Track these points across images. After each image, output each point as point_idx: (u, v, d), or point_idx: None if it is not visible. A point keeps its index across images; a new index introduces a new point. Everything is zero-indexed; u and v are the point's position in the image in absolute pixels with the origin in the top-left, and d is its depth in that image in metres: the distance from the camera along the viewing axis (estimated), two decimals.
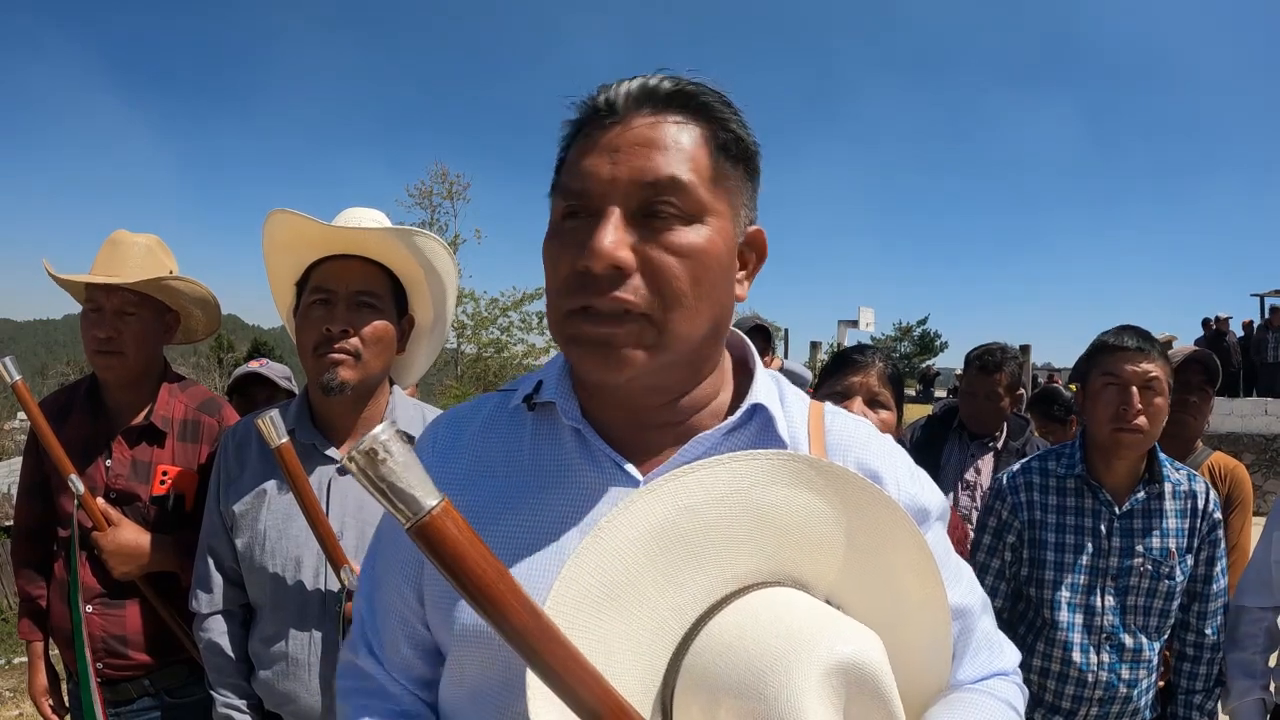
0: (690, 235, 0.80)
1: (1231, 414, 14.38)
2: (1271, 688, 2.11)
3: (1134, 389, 1.98)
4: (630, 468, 0.86)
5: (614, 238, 0.77)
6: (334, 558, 1.57)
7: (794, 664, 0.67)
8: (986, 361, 3.26)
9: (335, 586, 1.63)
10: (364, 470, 0.54)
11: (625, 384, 0.82)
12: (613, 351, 0.79)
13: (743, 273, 0.89)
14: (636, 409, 0.88)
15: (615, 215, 0.78)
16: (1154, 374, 1.99)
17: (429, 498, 0.56)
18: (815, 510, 0.79)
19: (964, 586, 0.95)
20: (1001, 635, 1.01)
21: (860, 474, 0.83)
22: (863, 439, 0.94)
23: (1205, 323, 17.03)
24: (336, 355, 1.64)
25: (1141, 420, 1.98)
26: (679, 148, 0.80)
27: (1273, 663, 2.14)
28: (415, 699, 0.95)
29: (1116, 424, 1.99)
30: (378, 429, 0.55)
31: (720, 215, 0.82)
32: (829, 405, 0.98)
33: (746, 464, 0.78)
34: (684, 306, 0.79)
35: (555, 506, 0.86)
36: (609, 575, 0.73)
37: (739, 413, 0.88)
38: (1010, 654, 0.99)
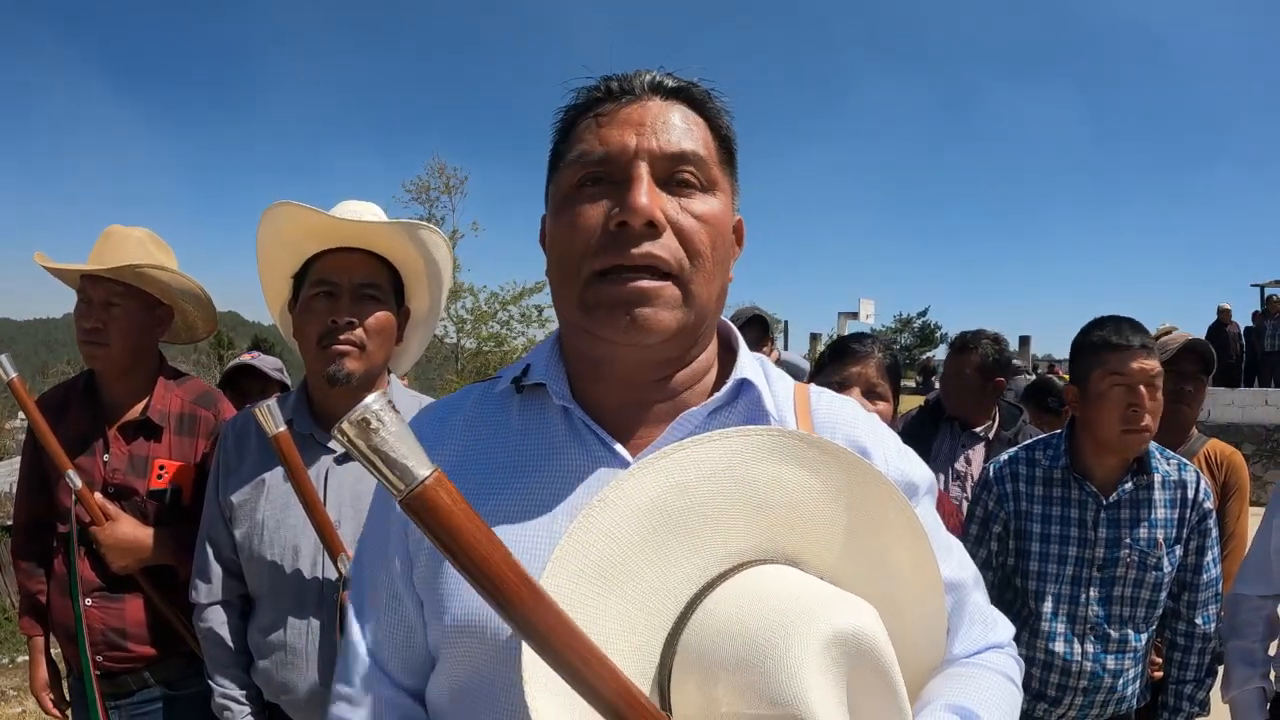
0: (709, 203, 0.85)
1: (1232, 404, 14.36)
2: (1271, 676, 2.11)
3: (1142, 389, 1.97)
4: (617, 446, 0.87)
5: (649, 196, 0.81)
6: (331, 546, 1.59)
7: (792, 636, 0.66)
8: (955, 342, 3.34)
9: (333, 575, 1.64)
10: (355, 440, 0.53)
11: (644, 350, 0.84)
12: (642, 308, 0.81)
13: None
14: (630, 385, 0.88)
15: (647, 176, 0.82)
16: (1156, 370, 1.99)
17: (422, 467, 0.55)
18: (807, 486, 0.79)
19: (955, 561, 0.97)
20: (994, 609, 1.02)
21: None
22: (850, 417, 0.95)
23: (1220, 310, 16.88)
24: (342, 346, 1.66)
25: (1148, 420, 1.98)
26: (692, 129, 0.86)
27: (1272, 651, 2.14)
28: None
29: (1126, 425, 1.98)
30: (370, 398, 0.54)
31: (725, 193, 0.89)
32: (813, 386, 1.00)
33: (738, 440, 0.78)
34: (705, 270, 0.84)
35: (542, 487, 0.86)
36: (601, 555, 0.73)
37: (725, 389, 0.89)
38: (1004, 627, 1.01)
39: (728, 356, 0.95)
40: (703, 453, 0.76)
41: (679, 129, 0.85)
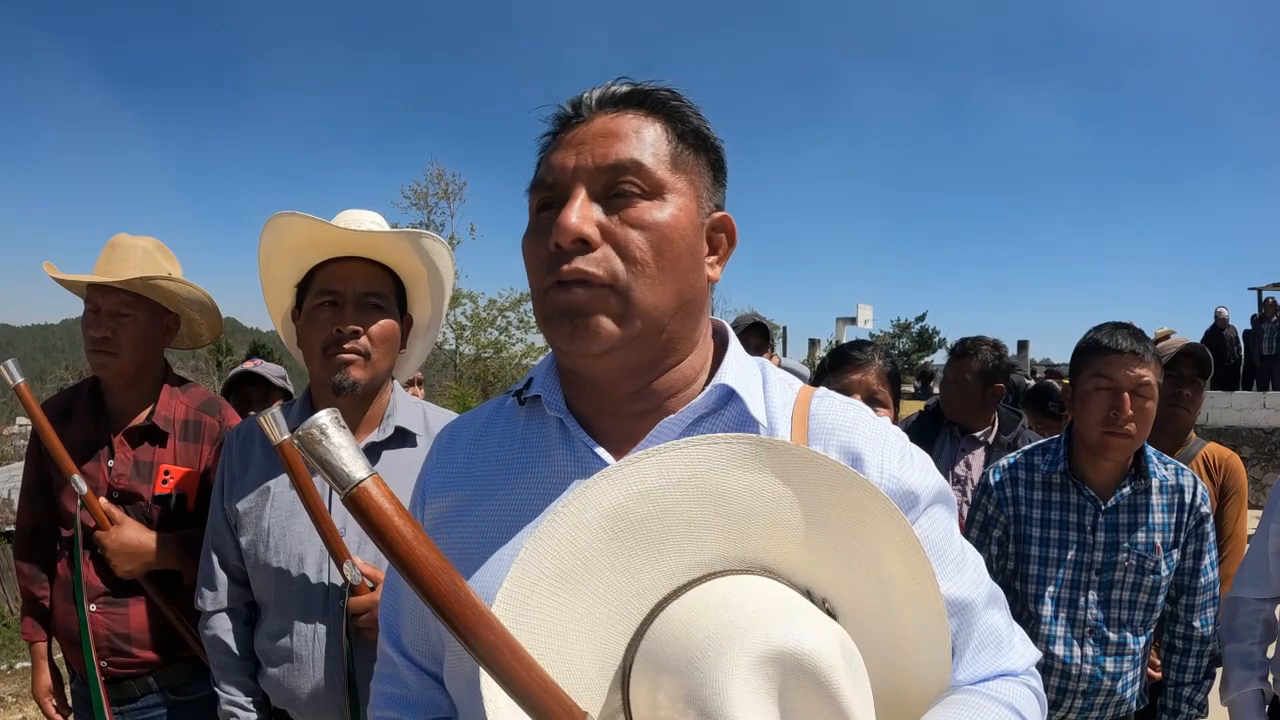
0: (652, 210, 0.85)
1: (1230, 407, 14.38)
2: (1270, 679, 2.12)
3: (1126, 394, 1.98)
4: (601, 451, 0.89)
5: (578, 215, 0.83)
6: (337, 553, 1.59)
7: (727, 648, 0.67)
8: (955, 348, 3.39)
9: (339, 581, 1.64)
10: (303, 448, 0.61)
11: (599, 359, 0.85)
12: (581, 319, 0.83)
13: (713, 256, 0.94)
14: (612, 395, 0.90)
15: (580, 195, 0.84)
16: (1146, 378, 1.99)
17: (359, 472, 0.62)
18: (780, 495, 0.77)
19: (966, 578, 0.90)
20: (1014, 632, 0.94)
21: (840, 458, 0.83)
22: (849, 422, 0.92)
23: (1218, 313, 16.90)
24: (347, 355, 1.67)
25: (1131, 426, 1.99)
26: (638, 135, 0.87)
27: (1270, 653, 2.14)
28: (429, 683, 1.00)
29: (1106, 427, 2.00)
30: (319, 414, 0.62)
31: (681, 194, 0.88)
32: (820, 390, 0.98)
33: (703, 448, 0.77)
34: (647, 276, 0.84)
35: (530, 491, 0.90)
36: (564, 559, 0.75)
37: (702, 395, 0.89)
38: (1021, 653, 0.92)
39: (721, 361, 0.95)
40: (669, 460, 0.77)
41: (620, 139, 0.86)
